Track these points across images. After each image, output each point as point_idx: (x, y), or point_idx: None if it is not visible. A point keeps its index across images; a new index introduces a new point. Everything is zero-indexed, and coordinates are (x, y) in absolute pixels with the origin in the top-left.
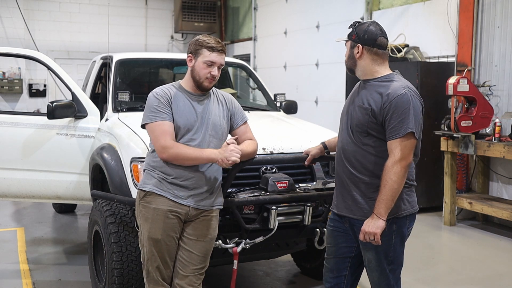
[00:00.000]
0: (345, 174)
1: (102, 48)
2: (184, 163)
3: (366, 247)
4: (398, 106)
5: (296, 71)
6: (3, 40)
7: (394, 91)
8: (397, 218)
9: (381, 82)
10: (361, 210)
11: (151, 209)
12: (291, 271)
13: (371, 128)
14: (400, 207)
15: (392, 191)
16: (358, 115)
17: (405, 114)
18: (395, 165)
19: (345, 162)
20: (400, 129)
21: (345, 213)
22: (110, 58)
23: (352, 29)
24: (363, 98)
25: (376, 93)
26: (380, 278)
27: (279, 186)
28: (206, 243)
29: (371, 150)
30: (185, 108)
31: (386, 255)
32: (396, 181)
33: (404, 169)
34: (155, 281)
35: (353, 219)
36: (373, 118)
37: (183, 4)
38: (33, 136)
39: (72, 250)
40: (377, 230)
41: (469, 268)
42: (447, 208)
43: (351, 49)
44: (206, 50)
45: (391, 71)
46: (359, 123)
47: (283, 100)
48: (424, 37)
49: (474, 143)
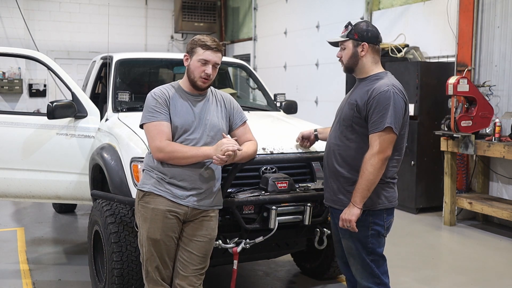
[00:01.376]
0: (329, 167)
1: (102, 48)
2: (181, 162)
3: (344, 235)
4: (380, 102)
5: (296, 71)
6: (3, 40)
7: (378, 87)
8: (373, 210)
9: (372, 80)
10: (340, 201)
11: (150, 209)
12: (291, 271)
13: (355, 123)
14: (375, 201)
15: (368, 182)
16: (346, 110)
17: (386, 110)
18: (372, 157)
19: (330, 155)
20: (380, 123)
21: (329, 203)
22: (110, 58)
23: (351, 28)
24: (355, 95)
25: (364, 90)
26: (362, 266)
27: (279, 186)
28: (206, 243)
29: (353, 145)
30: (183, 108)
31: (364, 245)
32: (372, 172)
33: (381, 161)
34: (155, 281)
35: (334, 208)
36: (357, 113)
37: (183, 4)
38: (33, 136)
39: (72, 250)
40: (352, 217)
41: (469, 268)
42: (447, 208)
43: (354, 47)
44: (200, 48)
45: (383, 70)
46: (345, 117)
47: (283, 100)
48: (424, 37)
49: (474, 143)
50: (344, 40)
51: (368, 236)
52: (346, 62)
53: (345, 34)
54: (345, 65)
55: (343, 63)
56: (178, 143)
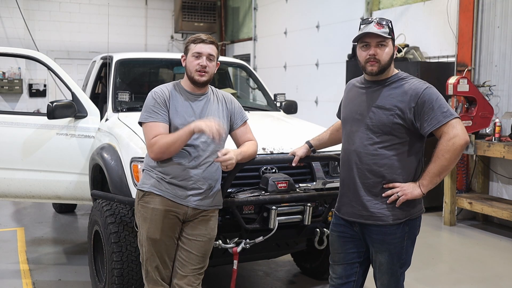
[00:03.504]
0: (358, 178)
1: (102, 48)
2: (171, 151)
3: (379, 250)
4: (431, 99)
5: (296, 71)
6: (3, 40)
7: (419, 87)
8: (410, 220)
9: (397, 81)
10: (373, 214)
11: (150, 209)
12: (291, 271)
13: (395, 130)
14: (415, 208)
15: (441, 168)
16: (380, 117)
17: (440, 103)
18: (452, 141)
19: (362, 169)
20: (446, 115)
21: (355, 218)
22: (110, 58)
23: (390, 25)
24: (386, 100)
25: (398, 92)
26: (390, 280)
27: (279, 186)
28: (205, 243)
29: (393, 153)
30: (183, 108)
31: (399, 258)
32: (448, 158)
33: (460, 147)
34: (154, 281)
35: (365, 224)
36: (398, 119)
37: (183, 4)
38: (33, 136)
39: (72, 250)
40: (410, 195)
41: (469, 268)
42: (447, 208)
43: (393, 47)
44: (192, 44)
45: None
46: (380, 125)
47: (283, 100)
48: (424, 37)
49: (474, 143)
50: (387, 37)
51: (403, 247)
52: (385, 62)
53: (386, 31)
54: (383, 65)
55: (378, 62)
56: (165, 134)
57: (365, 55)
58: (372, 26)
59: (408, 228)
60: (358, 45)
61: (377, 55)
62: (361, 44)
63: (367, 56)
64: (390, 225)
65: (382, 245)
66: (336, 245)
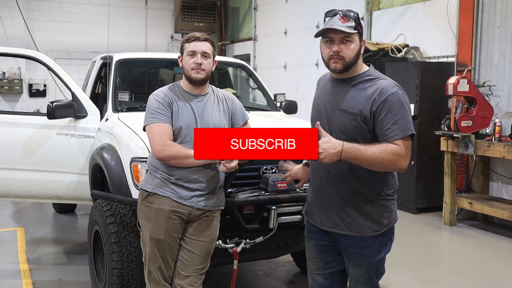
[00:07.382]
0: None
1: (102, 48)
2: (182, 163)
3: (357, 263)
4: (393, 106)
5: (296, 71)
6: (3, 40)
7: (385, 90)
8: (387, 230)
9: (365, 81)
10: (349, 225)
11: (154, 209)
12: (291, 271)
13: (359, 135)
14: (391, 219)
15: (370, 159)
16: (342, 121)
17: (401, 115)
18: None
19: (332, 176)
20: (398, 130)
21: (330, 228)
22: (110, 58)
23: (356, 19)
24: (350, 102)
25: (364, 95)
26: None
27: (279, 186)
28: (208, 243)
29: None
30: (184, 109)
31: (377, 269)
32: (381, 161)
33: (396, 165)
34: (157, 281)
35: (341, 235)
36: (361, 123)
37: (183, 4)
38: (33, 136)
39: (72, 250)
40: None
41: (469, 268)
42: (447, 208)
43: (360, 42)
44: (186, 43)
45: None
46: (344, 129)
47: (283, 100)
48: (424, 37)
49: (474, 143)
50: (353, 32)
51: (382, 259)
52: (350, 59)
53: (351, 25)
54: (347, 62)
55: (343, 59)
56: (179, 144)
57: (328, 51)
58: (336, 19)
59: (385, 239)
60: (321, 40)
61: (341, 51)
62: (324, 40)
63: (330, 52)
64: (368, 237)
65: (360, 259)
66: (314, 253)
